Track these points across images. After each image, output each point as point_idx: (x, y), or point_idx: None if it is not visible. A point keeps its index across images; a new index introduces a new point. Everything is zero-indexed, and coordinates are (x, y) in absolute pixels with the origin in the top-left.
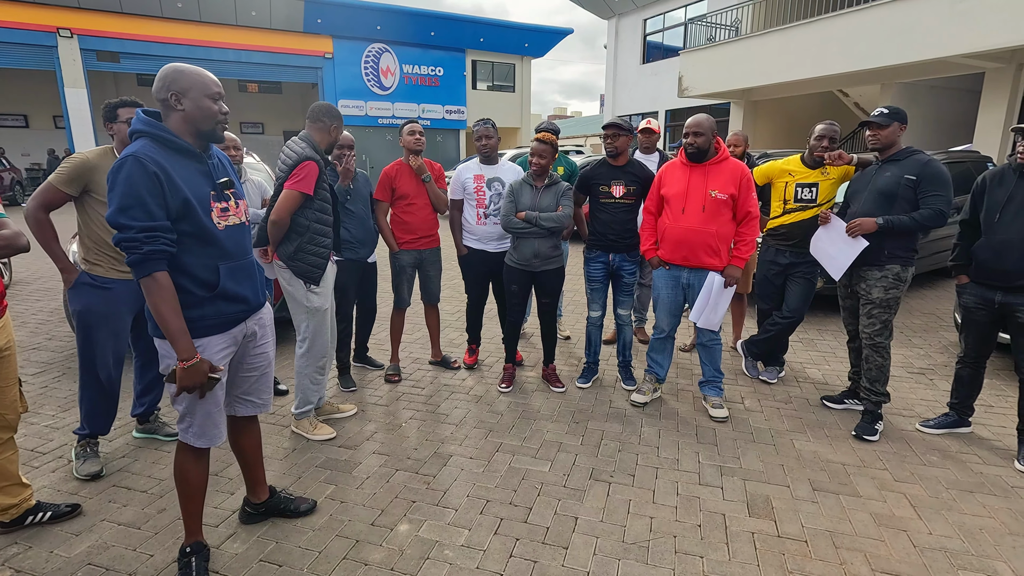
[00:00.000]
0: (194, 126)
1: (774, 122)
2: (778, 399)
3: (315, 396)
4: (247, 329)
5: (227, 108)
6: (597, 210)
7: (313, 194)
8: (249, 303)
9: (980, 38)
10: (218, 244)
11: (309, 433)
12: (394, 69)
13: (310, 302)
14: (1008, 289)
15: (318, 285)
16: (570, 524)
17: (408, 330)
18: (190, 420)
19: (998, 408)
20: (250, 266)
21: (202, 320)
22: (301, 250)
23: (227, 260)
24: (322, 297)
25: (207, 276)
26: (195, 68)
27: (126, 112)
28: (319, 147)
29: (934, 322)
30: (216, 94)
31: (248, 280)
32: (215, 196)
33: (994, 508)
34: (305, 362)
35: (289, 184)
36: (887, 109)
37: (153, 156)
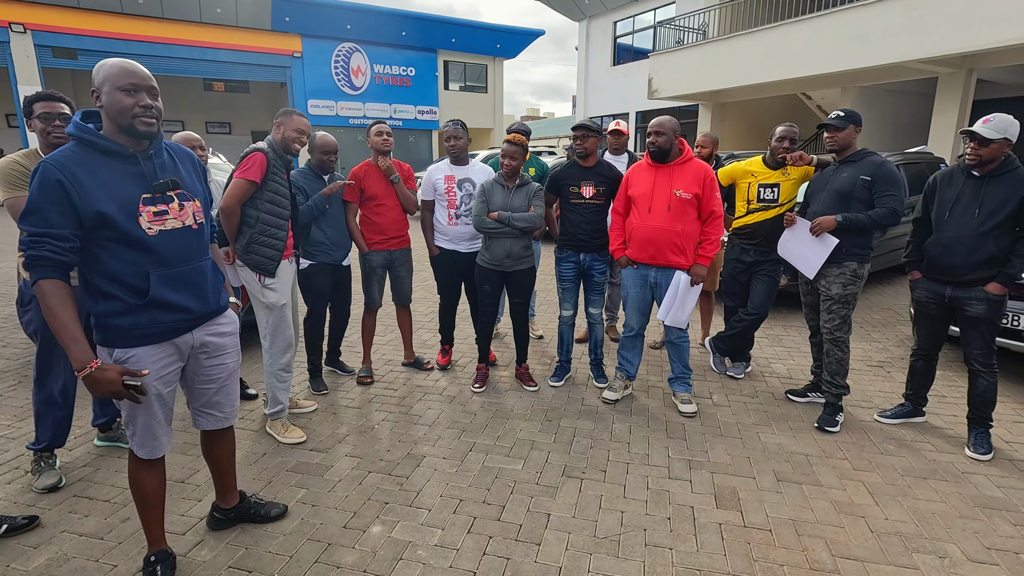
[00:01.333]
0: (114, 122)
1: (741, 124)
2: (745, 394)
3: (284, 395)
4: (194, 340)
5: (149, 101)
6: (567, 210)
7: (261, 183)
8: (191, 312)
9: (932, 44)
10: (149, 250)
11: (280, 435)
12: (365, 69)
13: (266, 297)
14: (957, 284)
15: (272, 277)
16: (543, 521)
17: (380, 332)
18: (132, 428)
19: (950, 398)
20: (195, 272)
21: (136, 329)
22: (253, 242)
23: (161, 267)
24: (279, 293)
25: (137, 283)
26: (116, 60)
27: (42, 107)
28: (276, 144)
29: (892, 317)
30: (129, 85)
31: (191, 287)
32: (148, 199)
33: (946, 493)
34: (269, 359)
35: (236, 173)
36: (843, 112)
37: (64, 162)
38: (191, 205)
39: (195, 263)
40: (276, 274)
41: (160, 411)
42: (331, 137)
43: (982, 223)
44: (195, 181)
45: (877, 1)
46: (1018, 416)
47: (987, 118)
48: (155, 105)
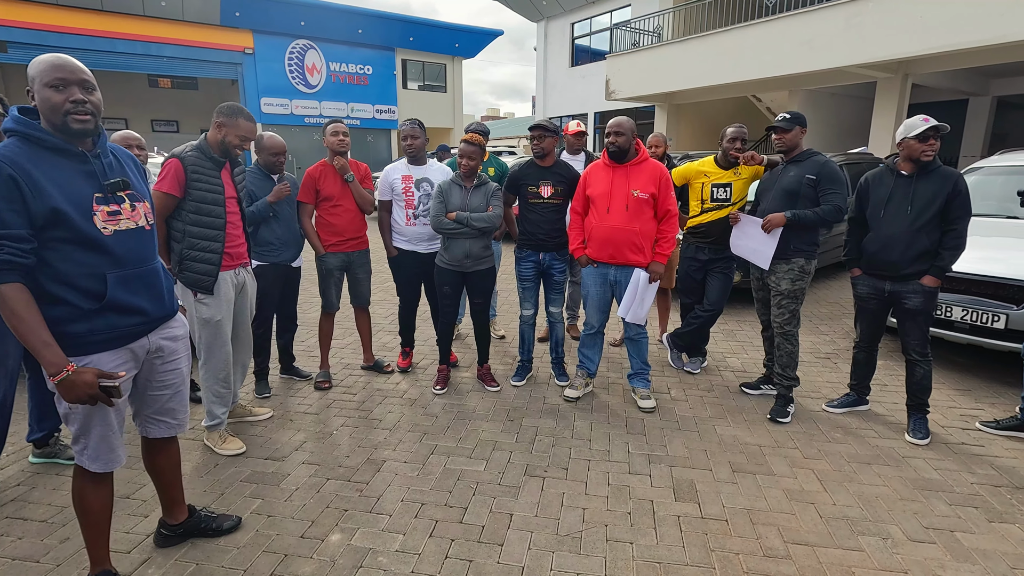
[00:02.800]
0: (48, 121)
1: (695, 124)
2: (701, 388)
3: (220, 409)
4: (150, 344)
5: (82, 95)
6: (526, 210)
7: (182, 195)
8: (148, 315)
9: (870, 50)
10: (105, 251)
11: (217, 446)
12: (320, 67)
13: (199, 312)
14: (895, 279)
15: (210, 294)
16: (505, 521)
17: (339, 335)
18: (84, 442)
19: (891, 387)
20: (150, 274)
21: (91, 335)
22: (184, 258)
23: (118, 268)
24: (212, 308)
25: (92, 286)
26: (46, 56)
27: None
28: (208, 146)
29: (838, 310)
30: (57, 80)
31: (147, 290)
32: (101, 199)
33: (888, 477)
34: (204, 374)
35: (154, 185)
36: (789, 114)
37: (13, 157)
38: (142, 206)
39: (149, 264)
40: (214, 289)
41: (116, 421)
42: (279, 138)
43: (914, 220)
44: (141, 182)
45: (820, 9)
46: (952, 402)
47: (925, 118)
48: (89, 100)
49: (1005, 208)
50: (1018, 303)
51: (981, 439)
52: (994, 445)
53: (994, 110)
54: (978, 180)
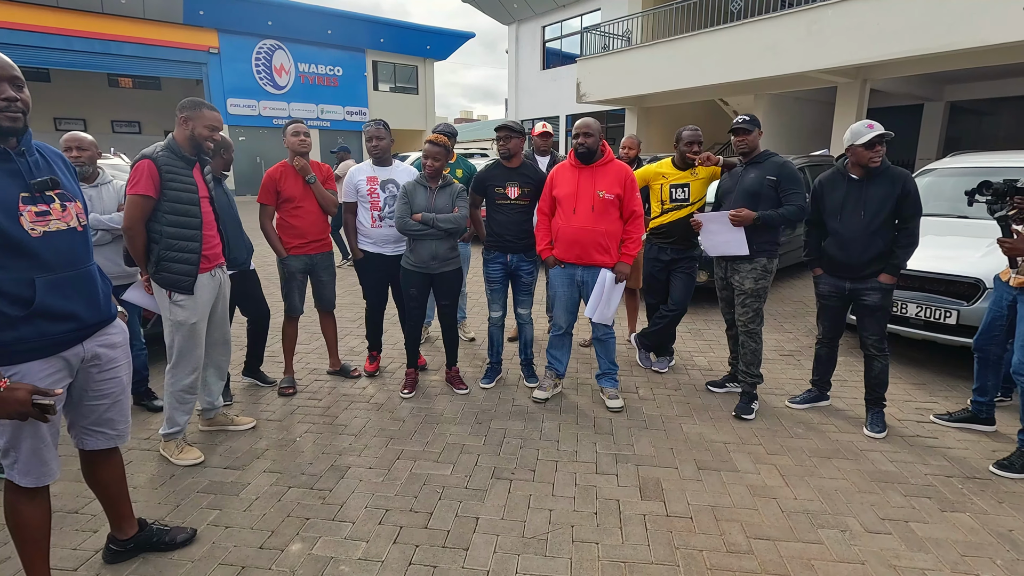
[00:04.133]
0: None
1: (665, 127)
2: (668, 387)
3: (183, 417)
4: (85, 352)
5: (12, 92)
6: (493, 211)
7: (158, 196)
8: (82, 321)
9: (830, 56)
10: (33, 254)
11: (173, 457)
12: (289, 67)
13: (173, 315)
14: (857, 277)
15: (189, 295)
16: (471, 525)
17: (304, 340)
18: (14, 455)
19: (851, 382)
20: (84, 278)
21: (19, 343)
22: (162, 259)
23: (48, 272)
24: (188, 310)
25: (19, 291)
26: None
27: None
28: (177, 146)
29: (801, 308)
30: None
31: (81, 294)
32: (28, 198)
33: (847, 471)
34: (171, 378)
35: (127, 188)
36: (748, 117)
37: None
38: (73, 206)
39: (83, 267)
40: (194, 290)
41: (48, 433)
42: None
43: (869, 224)
44: (72, 182)
45: (782, 16)
46: (908, 396)
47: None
48: (20, 97)
49: (956, 208)
50: (968, 299)
51: (935, 431)
52: (947, 437)
53: (947, 114)
54: (932, 182)
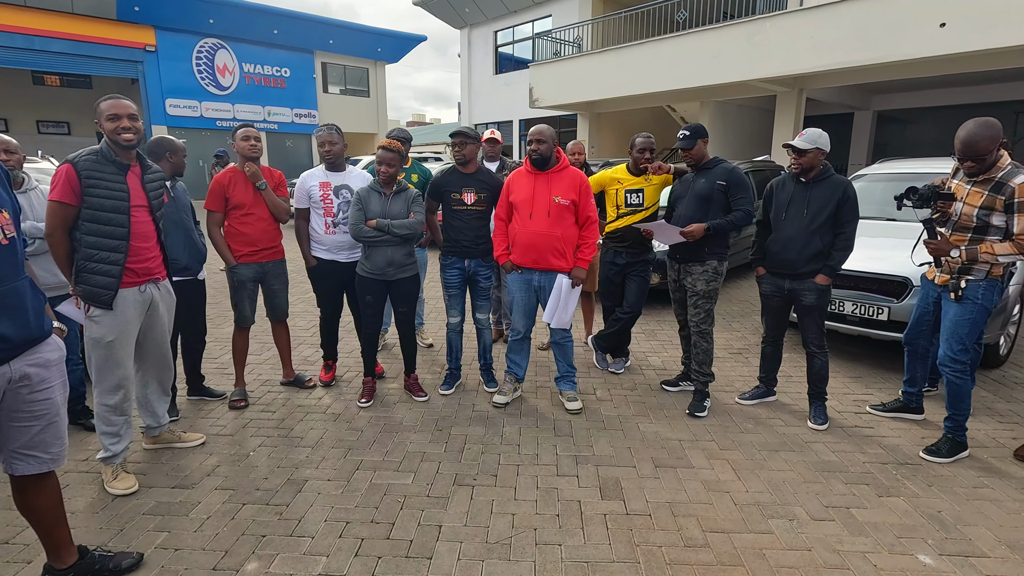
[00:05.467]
0: None
1: (616, 132)
2: (625, 387)
3: (112, 441)
4: (12, 372)
5: None
6: (450, 217)
7: (78, 203)
8: (9, 341)
9: (769, 66)
10: None
11: (107, 483)
12: (233, 68)
13: (89, 330)
14: (793, 277)
15: (107, 310)
16: (434, 533)
17: (256, 350)
18: None
19: (795, 378)
20: (10, 295)
21: None
22: (81, 269)
23: None
24: (104, 327)
25: None
26: None
27: None
28: (109, 149)
29: (748, 308)
30: None
31: (7, 312)
32: None
33: (794, 462)
34: (96, 397)
35: (48, 195)
36: (688, 131)
37: None
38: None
39: (10, 283)
40: (113, 305)
41: None
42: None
43: (809, 223)
44: (5, 190)
45: (725, 26)
46: (846, 389)
47: (801, 132)
48: None
49: (885, 211)
50: (898, 297)
51: (871, 421)
52: (882, 426)
53: (875, 123)
54: (862, 186)
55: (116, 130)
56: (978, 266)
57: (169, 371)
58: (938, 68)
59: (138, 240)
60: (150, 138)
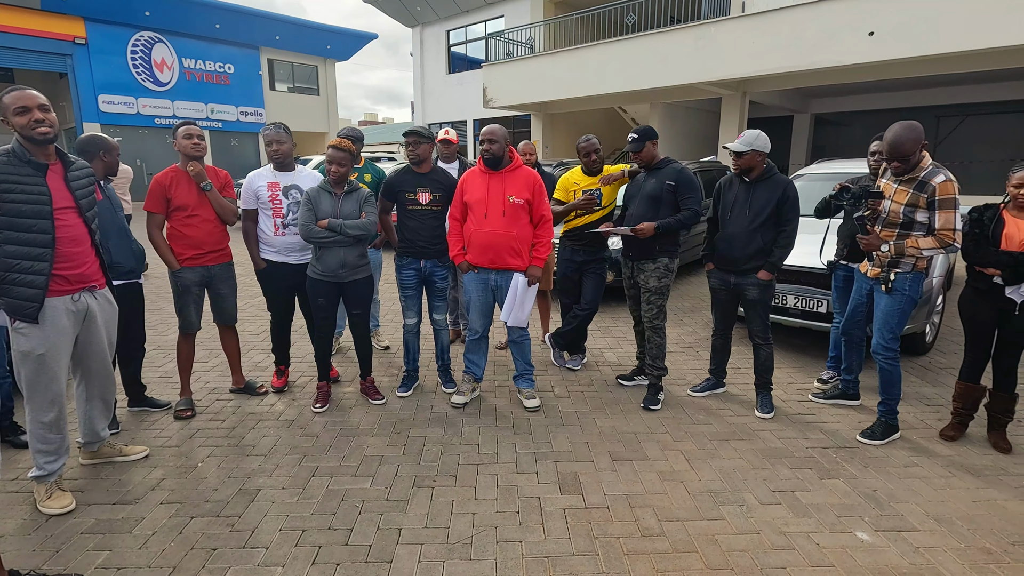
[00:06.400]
0: None
1: (569, 133)
2: (582, 383)
3: (47, 460)
4: None
5: None
6: (405, 217)
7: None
8: None
9: (714, 69)
10: None
11: (40, 502)
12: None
13: (16, 344)
14: (738, 272)
15: (33, 323)
16: (394, 537)
17: (203, 357)
18: None
19: (743, 369)
20: None
21: None
22: (2, 281)
23: None
24: (32, 340)
25: None
26: None
27: None
28: (23, 149)
29: (698, 303)
30: None
31: None
32: None
33: (743, 450)
34: (28, 414)
35: None
36: (636, 134)
37: None
38: None
39: None
40: (40, 318)
41: None
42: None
43: (752, 221)
44: None
45: (673, 30)
46: (790, 379)
47: (740, 135)
48: None
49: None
50: None
51: (813, 409)
52: (823, 413)
53: (813, 125)
54: (802, 185)
55: (29, 124)
56: (905, 259)
57: (112, 385)
58: (868, 74)
59: (67, 245)
60: (81, 135)
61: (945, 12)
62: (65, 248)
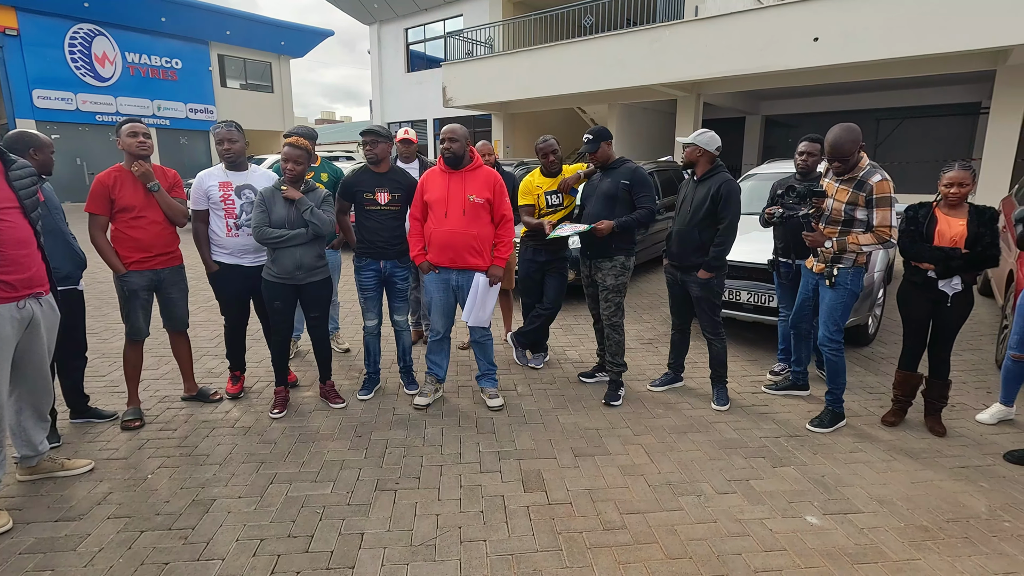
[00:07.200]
0: None
1: (530, 133)
2: (544, 381)
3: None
4: None
5: None
6: (364, 217)
7: None
8: None
9: (669, 71)
10: None
11: None
12: (114, 57)
13: None
14: (682, 268)
15: None
16: (356, 541)
17: (152, 364)
18: None
19: (700, 363)
20: None
21: None
22: None
23: None
24: None
25: None
26: None
27: None
28: None
29: (656, 301)
30: None
31: None
32: None
33: (700, 442)
34: None
35: None
36: (591, 135)
37: None
38: None
39: None
40: None
41: None
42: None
43: (692, 218)
44: None
45: (628, 33)
46: (744, 371)
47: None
48: None
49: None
50: None
51: (766, 400)
52: (775, 403)
53: (764, 127)
54: (753, 184)
55: None
56: (847, 255)
57: (48, 395)
58: (814, 78)
59: (12, 247)
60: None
61: (885, 21)
62: (10, 251)
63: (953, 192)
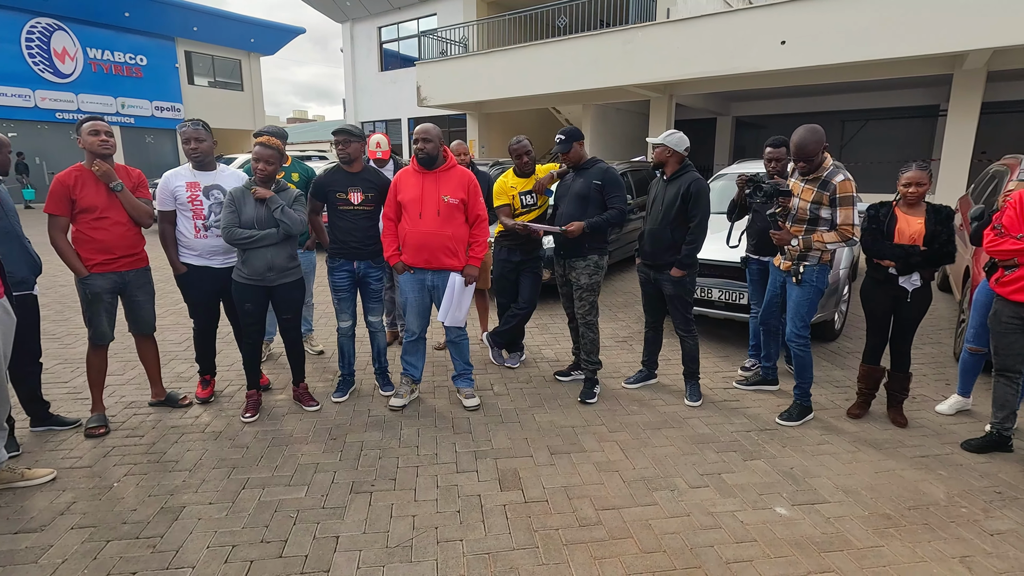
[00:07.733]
0: None
1: (505, 133)
2: (521, 380)
3: None
4: None
5: None
6: (336, 218)
7: None
8: None
9: (642, 72)
10: None
11: None
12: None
13: None
14: (654, 267)
15: None
16: (331, 545)
17: (117, 369)
18: None
19: (673, 360)
20: None
21: None
22: None
23: None
24: None
25: None
26: None
27: None
28: None
29: (631, 299)
30: None
31: None
32: None
33: (673, 437)
34: None
35: None
36: (563, 136)
37: None
38: None
39: None
40: None
41: None
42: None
43: (662, 217)
44: None
45: (602, 34)
46: (716, 367)
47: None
48: None
49: None
50: None
51: (737, 395)
52: (746, 399)
53: (734, 127)
54: (724, 184)
55: None
56: (812, 253)
57: (5, 403)
58: (781, 80)
59: None
60: None
61: (847, 25)
62: None
63: (911, 191)
